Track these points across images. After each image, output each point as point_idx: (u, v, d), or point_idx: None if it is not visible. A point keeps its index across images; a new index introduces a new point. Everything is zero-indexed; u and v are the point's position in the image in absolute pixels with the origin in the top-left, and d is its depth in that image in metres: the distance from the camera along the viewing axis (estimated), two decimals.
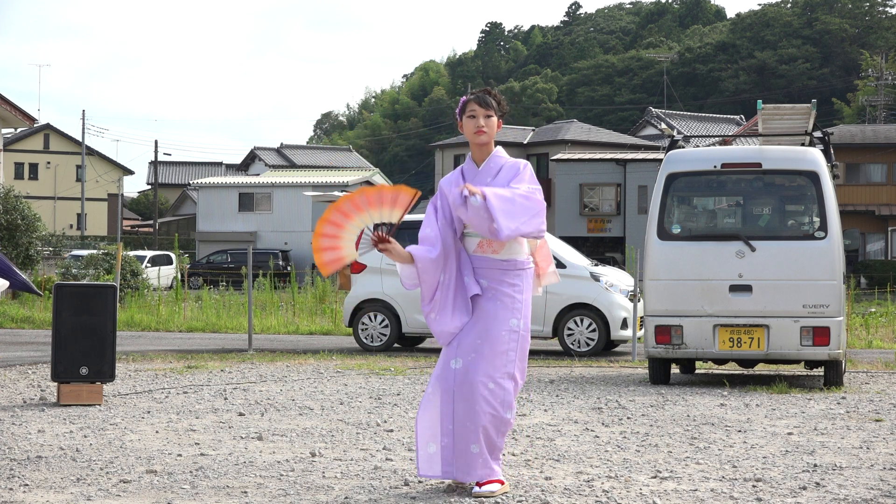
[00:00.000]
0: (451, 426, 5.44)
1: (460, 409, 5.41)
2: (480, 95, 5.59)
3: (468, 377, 5.41)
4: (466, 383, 5.41)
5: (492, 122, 5.56)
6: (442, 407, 5.46)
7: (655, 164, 33.00)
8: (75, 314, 9.12)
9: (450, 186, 5.59)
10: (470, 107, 5.57)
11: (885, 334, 18.51)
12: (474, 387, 5.40)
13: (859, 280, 39.73)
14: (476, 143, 5.58)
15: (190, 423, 8.15)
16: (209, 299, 24.69)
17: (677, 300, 10.75)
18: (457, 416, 5.42)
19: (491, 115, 5.55)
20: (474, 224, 5.40)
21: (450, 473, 5.51)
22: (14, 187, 27.68)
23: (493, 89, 5.68)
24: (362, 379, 11.42)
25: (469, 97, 5.61)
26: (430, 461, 5.49)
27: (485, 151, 5.62)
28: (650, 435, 7.65)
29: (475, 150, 5.63)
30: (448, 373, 5.47)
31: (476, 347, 5.44)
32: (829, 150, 11.75)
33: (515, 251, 5.56)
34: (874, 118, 62.88)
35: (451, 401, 5.44)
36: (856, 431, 7.86)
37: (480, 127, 5.54)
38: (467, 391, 5.40)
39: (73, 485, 5.80)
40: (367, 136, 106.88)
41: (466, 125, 5.59)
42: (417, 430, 5.52)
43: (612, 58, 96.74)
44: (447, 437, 5.45)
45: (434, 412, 5.48)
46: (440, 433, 5.46)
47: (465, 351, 5.45)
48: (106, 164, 73.94)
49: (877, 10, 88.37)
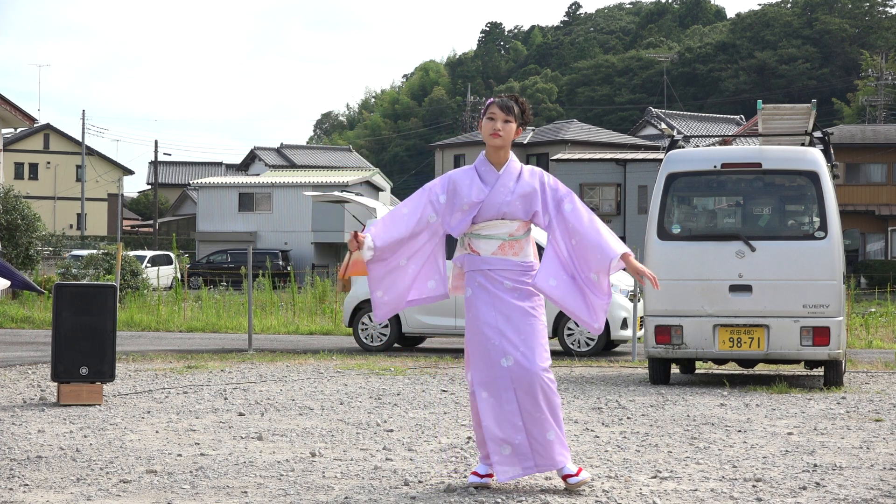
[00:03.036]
0: (521, 422, 5.49)
1: (526, 402, 5.47)
2: (504, 100, 5.64)
3: (526, 370, 5.47)
4: (526, 376, 5.47)
5: (509, 128, 5.60)
6: (505, 406, 5.49)
7: (655, 164, 33.00)
8: (75, 314, 9.11)
9: (469, 189, 5.58)
10: (491, 109, 5.63)
11: (885, 334, 18.51)
12: (534, 377, 5.47)
13: (859, 280, 39.72)
14: (491, 144, 5.64)
15: (190, 423, 8.15)
16: (209, 299, 24.68)
17: (677, 300, 10.75)
18: (524, 411, 5.48)
19: (510, 120, 5.60)
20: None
21: (530, 469, 5.54)
22: (14, 187, 27.70)
23: (521, 97, 5.72)
24: (362, 379, 11.42)
25: (494, 99, 5.67)
26: (508, 462, 5.50)
27: (501, 154, 5.66)
28: (650, 435, 7.65)
29: (491, 151, 5.68)
30: (501, 372, 5.50)
31: (522, 341, 5.51)
32: (829, 150, 11.75)
33: (528, 253, 5.69)
34: (874, 118, 62.87)
35: (514, 398, 5.49)
36: (856, 431, 7.86)
37: (497, 130, 5.59)
38: (528, 383, 5.47)
39: (73, 485, 5.80)
40: (367, 136, 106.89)
41: (485, 126, 5.64)
42: (484, 438, 5.52)
43: (612, 58, 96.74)
44: (520, 434, 5.49)
45: (496, 415, 5.49)
46: (512, 432, 5.49)
47: (512, 347, 5.50)
48: (106, 164, 73.91)
49: (877, 10, 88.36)
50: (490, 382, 5.52)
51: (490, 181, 5.62)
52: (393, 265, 5.66)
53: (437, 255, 5.78)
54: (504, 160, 5.66)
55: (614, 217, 46.18)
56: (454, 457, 6.70)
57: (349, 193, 25.99)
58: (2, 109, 27.37)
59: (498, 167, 5.65)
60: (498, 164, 5.66)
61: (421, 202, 5.64)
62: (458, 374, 11.93)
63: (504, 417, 5.49)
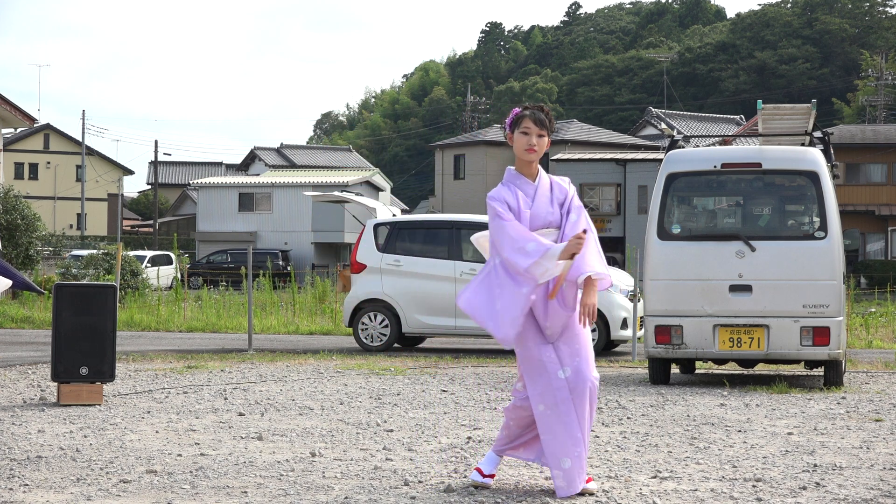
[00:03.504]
0: (580, 433, 5.48)
1: (584, 412, 5.49)
2: (537, 113, 5.60)
3: (582, 380, 5.48)
4: (581, 387, 5.48)
5: (543, 142, 5.61)
6: (565, 418, 5.46)
7: (655, 164, 32.99)
8: (75, 314, 9.11)
9: (517, 204, 5.55)
10: (525, 123, 5.59)
11: (885, 334, 18.51)
12: (587, 387, 5.49)
13: (859, 280, 39.73)
14: (525, 159, 5.63)
15: (190, 423, 8.15)
16: (209, 299, 24.68)
17: (677, 300, 10.75)
18: (582, 421, 5.48)
19: (543, 134, 5.60)
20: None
21: (583, 481, 5.53)
22: (14, 187, 27.68)
23: (546, 106, 5.70)
24: (362, 379, 11.42)
25: (524, 112, 5.63)
26: (568, 477, 5.46)
27: (533, 167, 5.67)
28: (650, 435, 7.65)
29: (523, 165, 5.67)
30: (559, 383, 5.47)
31: (576, 351, 5.52)
32: (829, 150, 11.75)
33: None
34: (874, 118, 62.90)
35: (573, 409, 5.47)
36: (856, 431, 7.86)
37: (532, 146, 5.58)
38: (583, 393, 5.48)
39: (73, 485, 5.80)
40: (367, 136, 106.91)
41: (518, 140, 5.61)
42: (546, 453, 5.48)
43: (612, 58, 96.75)
44: (579, 446, 5.48)
45: (556, 428, 5.45)
46: (571, 445, 5.46)
47: (567, 358, 5.50)
48: (106, 164, 73.93)
49: (877, 10, 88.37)
50: (548, 393, 5.47)
51: (530, 193, 5.63)
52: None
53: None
54: (536, 172, 5.68)
55: (614, 217, 46.18)
56: (454, 457, 6.70)
57: (349, 193, 26.02)
58: (2, 109, 27.37)
59: (532, 179, 5.66)
60: (532, 176, 5.66)
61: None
62: (458, 374, 11.93)
63: (563, 431, 5.45)
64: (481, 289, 5.54)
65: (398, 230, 16.04)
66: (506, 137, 5.79)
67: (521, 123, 5.60)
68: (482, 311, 5.50)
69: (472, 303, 5.55)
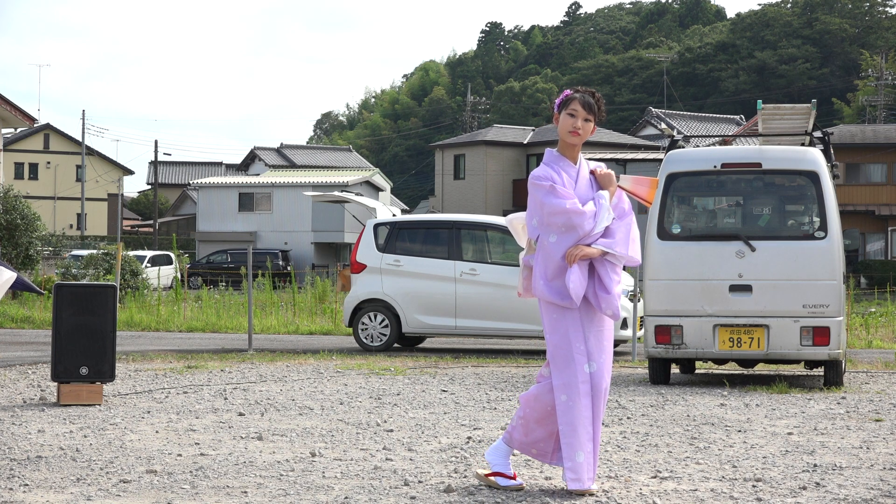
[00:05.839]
0: (591, 428, 5.48)
1: (599, 409, 5.51)
2: (586, 97, 5.55)
3: (602, 377, 5.50)
4: (601, 383, 5.49)
5: (588, 127, 5.56)
6: (584, 412, 5.46)
7: (655, 164, 32.98)
8: (75, 314, 9.11)
9: (561, 182, 5.54)
10: (573, 105, 5.54)
11: (885, 334, 18.50)
12: (604, 384, 5.51)
13: (859, 280, 39.73)
14: (568, 141, 5.57)
15: (190, 423, 8.15)
16: (209, 299, 24.67)
17: (677, 300, 10.75)
18: (596, 418, 5.49)
19: (590, 119, 5.54)
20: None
21: (591, 479, 5.52)
22: (14, 187, 27.67)
23: (598, 92, 5.65)
24: (362, 379, 11.42)
25: (574, 94, 5.57)
26: (579, 471, 5.44)
27: (576, 151, 5.63)
28: (650, 435, 7.65)
29: (565, 147, 5.62)
30: (584, 377, 5.47)
31: (602, 348, 5.53)
32: (829, 150, 11.75)
33: None
34: (874, 118, 62.89)
35: (591, 404, 5.48)
36: (856, 431, 7.86)
37: (577, 128, 5.53)
38: (600, 390, 5.50)
39: (73, 485, 5.80)
40: (367, 136, 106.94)
41: (564, 121, 5.55)
42: (563, 444, 5.46)
43: (612, 58, 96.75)
44: (591, 443, 5.48)
45: (575, 420, 5.44)
46: (586, 439, 5.46)
47: (595, 353, 5.50)
48: (106, 164, 73.92)
49: (877, 10, 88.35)
50: (573, 385, 5.45)
51: (573, 175, 5.59)
52: None
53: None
54: (577, 155, 5.63)
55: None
56: (454, 457, 6.70)
57: (349, 193, 26.00)
58: (2, 109, 27.37)
59: (574, 162, 5.62)
60: (574, 159, 5.62)
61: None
62: (458, 374, 11.93)
63: (581, 424, 5.44)
64: (546, 271, 5.50)
65: (398, 230, 16.04)
66: (552, 118, 5.73)
67: (570, 105, 5.53)
68: (560, 289, 5.47)
69: (551, 287, 5.50)
